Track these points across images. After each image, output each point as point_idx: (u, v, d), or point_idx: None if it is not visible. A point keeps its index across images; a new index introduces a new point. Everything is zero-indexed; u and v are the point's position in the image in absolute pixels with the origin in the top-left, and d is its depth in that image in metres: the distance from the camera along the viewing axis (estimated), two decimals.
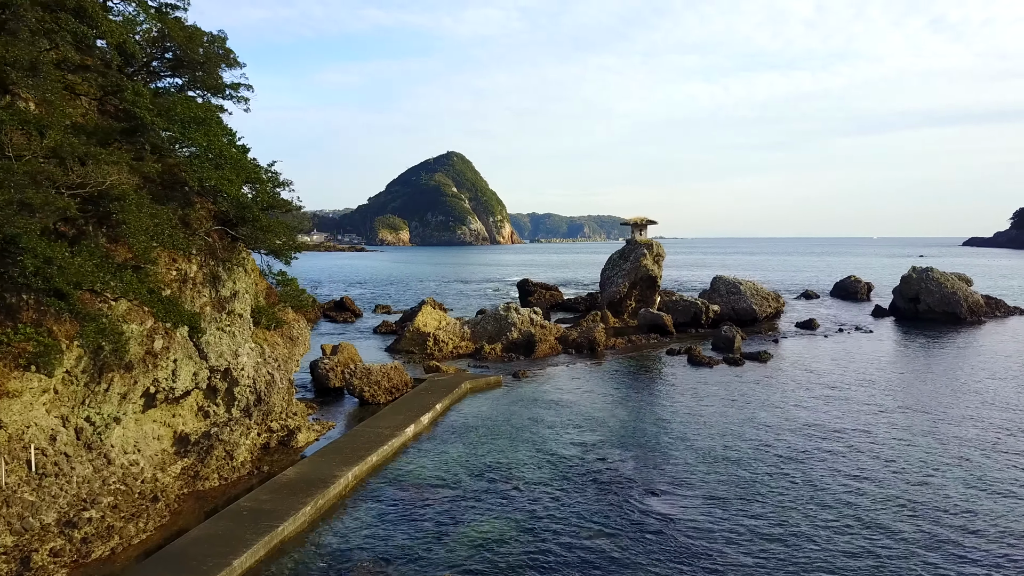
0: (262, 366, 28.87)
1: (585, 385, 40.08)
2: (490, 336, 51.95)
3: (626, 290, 65.82)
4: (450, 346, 50.74)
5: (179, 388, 24.70)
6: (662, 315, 59.39)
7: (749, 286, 67.20)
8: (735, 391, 38.40)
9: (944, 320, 68.67)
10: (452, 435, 29.97)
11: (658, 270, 66.52)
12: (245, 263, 31.19)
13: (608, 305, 66.43)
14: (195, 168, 22.95)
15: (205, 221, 28.25)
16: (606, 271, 70.09)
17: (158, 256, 22.18)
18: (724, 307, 64.91)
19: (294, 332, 33.05)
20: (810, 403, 35.59)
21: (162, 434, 25.55)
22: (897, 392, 38.15)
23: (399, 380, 36.96)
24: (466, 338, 51.78)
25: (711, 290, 69.12)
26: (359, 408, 35.12)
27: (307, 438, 29.59)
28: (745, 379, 41.62)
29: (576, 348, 51.01)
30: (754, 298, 65.65)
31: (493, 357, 48.71)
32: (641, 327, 60.58)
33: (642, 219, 69.54)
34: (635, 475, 24.87)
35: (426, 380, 38.82)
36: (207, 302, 26.66)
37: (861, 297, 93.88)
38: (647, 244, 67.40)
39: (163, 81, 31.02)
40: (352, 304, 75.43)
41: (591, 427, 31.12)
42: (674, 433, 30.11)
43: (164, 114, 23.27)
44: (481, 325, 52.67)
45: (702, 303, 61.84)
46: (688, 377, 42.34)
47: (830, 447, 28.12)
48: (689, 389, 38.94)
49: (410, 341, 51.24)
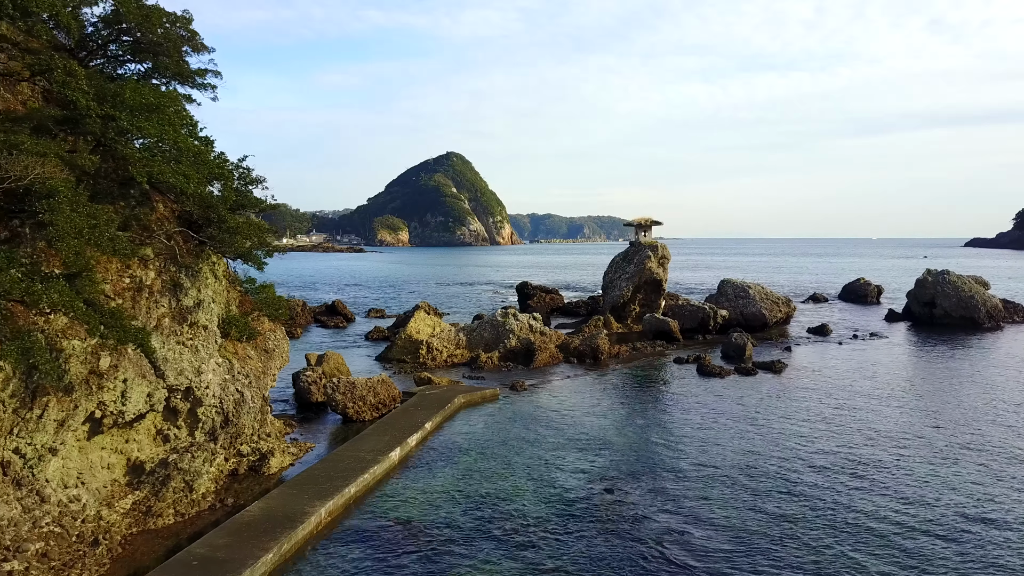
0: (230, 383, 25.93)
1: (588, 399, 37.15)
2: (487, 344, 49.03)
3: (630, 294, 62.91)
4: (444, 355, 47.80)
5: (130, 411, 21.77)
6: (668, 321, 56.47)
7: (758, 290, 64.28)
8: (751, 407, 35.47)
9: (961, 325, 65.74)
10: (442, 459, 27.03)
11: (663, 273, 63.61)
12: (216, 268, 28.33)
13: (611, 310, 63.52)
14: (144, 162, 20.00)
15: (166, 222, 25.37)
16: (609, 274, 67.18)
17: (95, 263, 19.19)
18: (732, 312, 62.00)
19: (270, 344, 30.11)
20: (834, 421, 32.65)
21: (113, 462, 22.62)
22: (928, 408, 35.20)
23: (386, 395, 34.01)
24: (461, 346, 48.85)
25: (719, 294, 66.20)
26: (342, 426, 32.18)
27: (281, 463, 26.65)
28: (760, 392, 38.69)
29: (578, 357, 48.09)
30: (764, 302, 62.72)
31: (490, 367, 45.78)
32: (646, 333, 57.66)
33: (646, 220, 66.62)
34: (648, 511, 21.93)
35: (416, 394, 35.90)
36: (165, 313, 23.73)
37: (871, 300, 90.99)
38: (652, 246, 64.49)
39: (125, 68, 28.20)
40: (344, 308, 72.50)
41: (596, 450, 28.18)
42: (689, 457, 27.18)
43: (110, 100, 20.33)
44: (477, 332, 49.75)
45: (710, 308, 58.91)
46: (699, 390, 39.42)
47: (866, 474, 25.18)
48: (701, 404, 36.00)
49: (401, 349, 48.29)
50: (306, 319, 70.05)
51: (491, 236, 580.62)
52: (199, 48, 27.27)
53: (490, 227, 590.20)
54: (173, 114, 21.83)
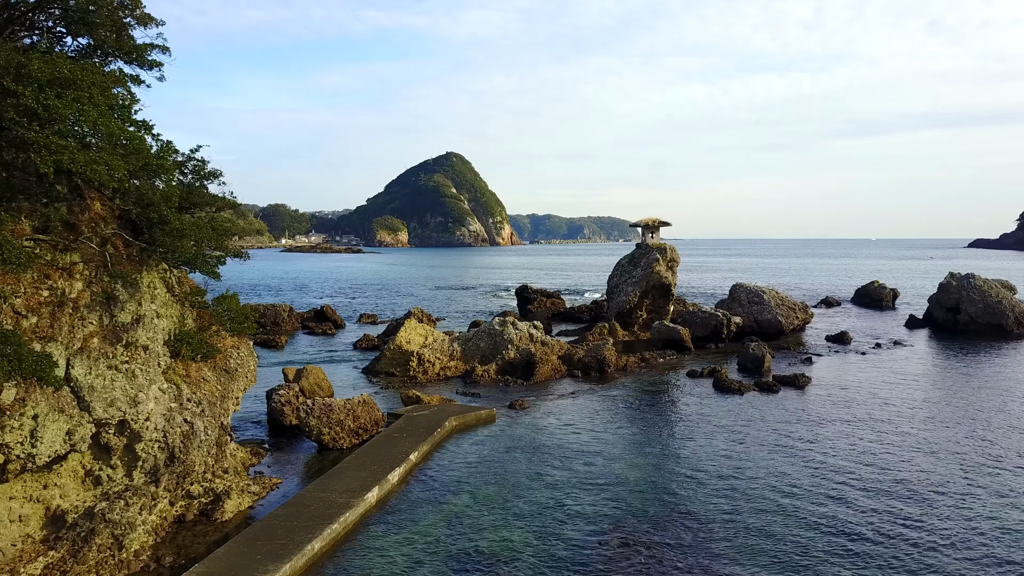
0: (177, 413, 22.01)
1: (596, 422, 33.22)
2: (483, 355, 45.12)
3: (637, 299, 59.00)
4: (437, 367, 43.88)
5: (44, 454, 17.89)
6: (679, 329, 52.56)
7: (773, 295, 60.37)
8: (779, 431, 31.54)
9: (988, 332, 61.85)
10: (428, 501, 23.12)
11: (672, 277, 59.72)
12: (168, 277, 24.45)
13: (617, 316, 59.61)
14: (51, 148, 16.09)
15: (102, 223, 21.48)
16: (614, 278, 63.27)
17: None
18: (746, 319, 58.10)
19: (232, 362, 26.19)
20: (877, 449, 28.73)
21: (28, 513, 18.73)
22: (976, 432, 31.27)
23: (368, 418, 30.08)
24: (456, 357, 44.93)
25: (731, 299, 62.30)
26: (317, 455, 28.27)
27: (238, 505, 22.74)
28: (785, 412, 34.78)
29: (583, 370, 44.16)
30: (779, 308, 58.81)
31: (486, 381, 41.85)
32: (655, 342, 53.76)
33: (654, 220, 62.71)
34: (673, 570, 18.03)
35: (402, 416, 31.95)
36: (95, 331, 19.83)
37: (886, 305, 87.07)
38: (660, 248, 60.58)
39: (63, 45, 24.31)
40: (333, 313, 68.55)
41: (607, 487, 24.28)
42: (716, 497, 23.27)
43: (12, 72, 16.46)
44: (473, 342, 45.83)
45: (723, 315, 55.00)
46: (717, 409, 35.50)
47: (921, 516, 21.26)
48: (722, 428, 32.08)
49: (390, 361, 44.37)
50: (293, 325, 66.20)
51: (491, 237, 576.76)
52: (145, 20, 23.39)
53: (490, 228, 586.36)
54: (97, 91, 17.91)
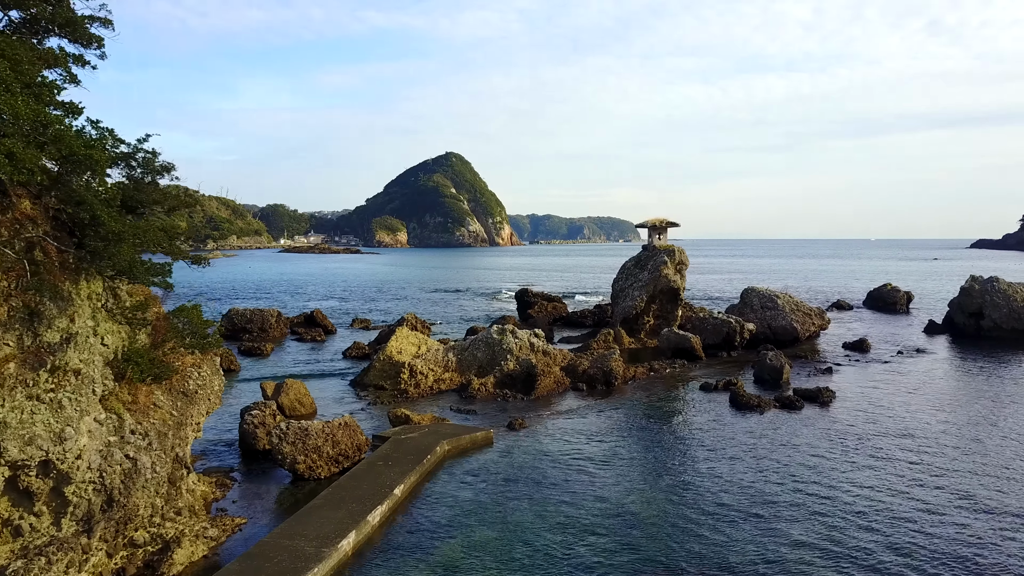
0: (117, 448, 18.76)
1: (604, 445, 29.97)
2: (480, 366, 41.89)
3: (644, 304, 55.77)
4: (430, 379, 40.64)
5: None
6: (689, 337, 49.31)
7: (788, 300, 57.13)
8: (807, 457, 28.30)
9: (1013, 339, 58.61)
10: (414, 549, 19.86)
11: (681, 281, 56.49)
12: (119, 289, 21.22)
13: (622, 322, 56.38)
14: None
15: (30, 226, 18.24)
16: (619, 281, 60.03)
17: None
18: (759, 325, 54.88)
19: (191, 383, 22.95)
20: (920, 478, 25.49)
21: None
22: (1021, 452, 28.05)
23: (349, 444, 26.85)
24: (450, 368, 41.69)
25: (742, 304, 59.08)
26: (291, 487, 25.03)
27: (191, 554, 19.50)
28: (813, 433, 31.55)
29: (587, 382, 40.91)
30: (794, 314, 55.57)
31: (483, 395, 38.61)
32: (663, 350, 50.52)
33: (661, 221, 59.48)
34: None
35: (389, 439, 28.69)
36: (11, 355, 16.60)
37: (900, 308, 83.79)
38: (668, 250, 57.34)
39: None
40: (324, 319, 65.30)
41: (622, 528, 21.03)
42: (744, 540, 20.00)
43: None
44: (469, 352, 42.59)
45: (736, 322, 51.76)
46: (737, 429, 32.27)
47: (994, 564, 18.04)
48: (744, 452, 28.83)
49: (380, 373, 41.13)
50: (281, 331, 62.96)
51: (490, 237, 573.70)
52: None
53: (489, 228, 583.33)
54: (3, 64, 14.68)
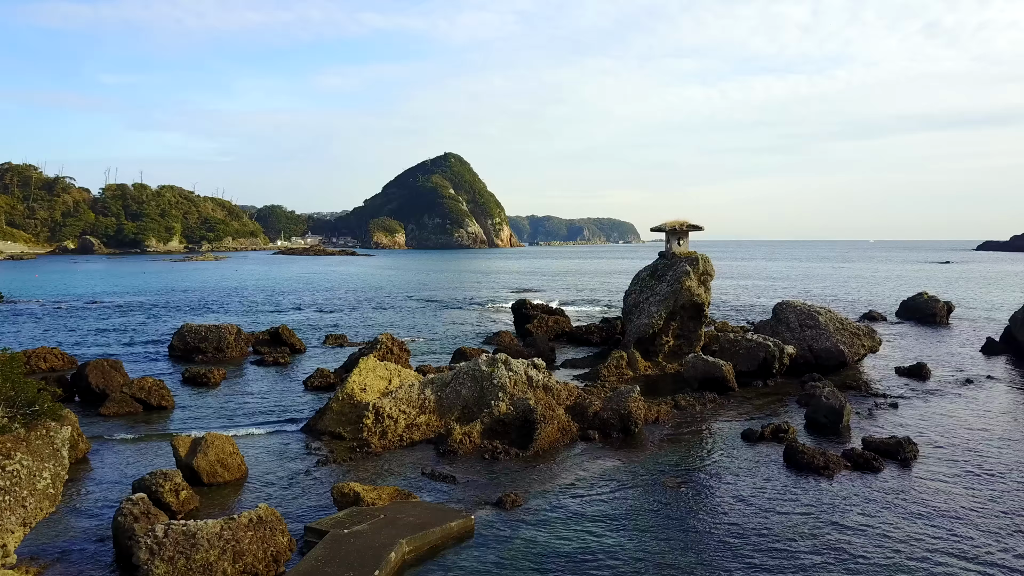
0: None
1: (628, 536, 21.47)
2: (465, 406, 33.45)
3: (662, 322, 47.31)
4: (401, 424, 32.15)
5: None
6: (721, 364, 40.84)
7: (831, 317, 48.66)
8: (910, 560, 19.83)
9: None
10: None
11: (706, 295, 48.04)
12: None
13: (637, 343, 47.91)
14: None
15: None
16: (632, 294, 51.56)
17: None
18: (799, 347, 46.43)
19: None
20: None
21: None
22: None
23: (259, 553, 18.36)
24: (428, 409, 33.22)
25: (776, 321, 50.61)
26: None
27: None
28: (906, 514, 23.07)
29: (600, 428, 32.43)
30: (840, 334, 47.10)
31: (467, 448, 30.09)
32: (689, 379, 42.06)
33: (681, 224, 50.98)
34: None
35: (327, 536, 20.19)
36: None
37: (940, 321, 75.24)
38: (689, 258, 48.88)
39: None
40: (291, 336, 56.77)
41: None
42: None
43: None
44: (452, 388, 34.14)
45: (774, 345, 43.27)
46: (802, 506, 23.78)
47: None
48: (822, 551, 20.33)
49: (337, 417, 32.67)
50: (241, 350, 54.52)
51: (489, 238, 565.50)
52: None
53: (488, 229, 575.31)
54: None
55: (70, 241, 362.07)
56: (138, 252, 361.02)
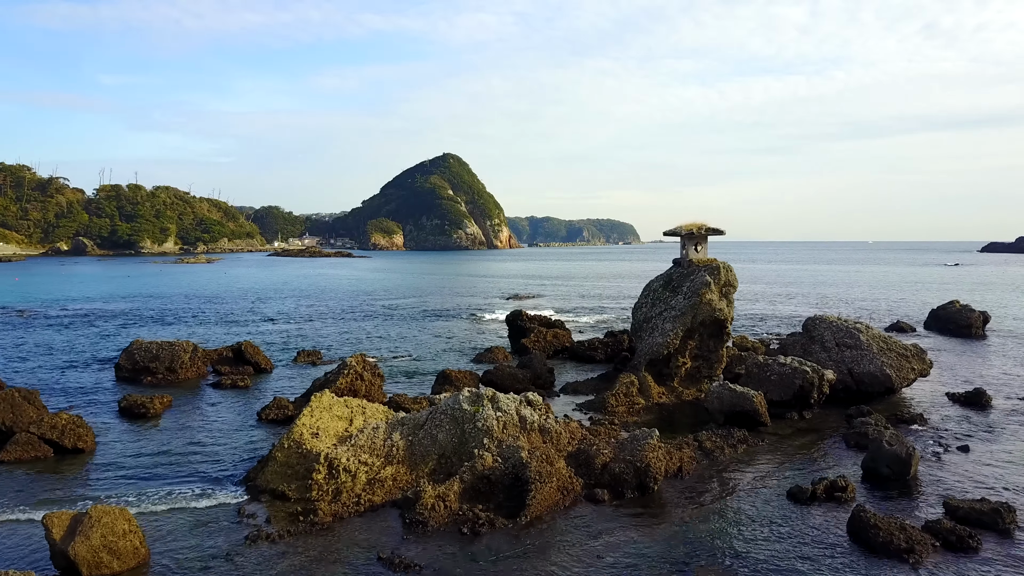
0: None
1: None
2: (443, 455, 26.95)
3: (678, 341, 40.80)
4: (361, 480, 25.64)
5: None
6: (751, 395, 34.32)
7: (873, 335, 42.15)
8: None
9: None
10: None
11: (728, 309, 41.51)
12: None
13: (648, 365, 41.40)
14: None
15: None
16: (643, 308, 45.02)
17: None
18: (836, 370, 39.95)
19: None
20: None
21: None
22: None
23: None
24: (395, 459, 26.70)
25: (807, 338, 44.08)
26: None
27: None
28: None
29: (610, 486, 25.91)
30: (885, 356, 40.58)
31: (440, 516, 23.48)
32: (712, 411, 35.56)
33: (699, 227, 44.40)
34: None
35: None
36: None
37: (976, 333, 68.64)
38: (710, 267, 42.35)
39: None
40: (256, 353, 50.23)
41: None
42: None
43: None
44: (427, 431, 27.62)
45: (812, 371, 36.72)
46: None
47: None
48: None
49: (282, 470, 26.15)
50: (197, 370, 48.04)
51: (488, 239, 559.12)
52: None
53: (487, 230, 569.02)
54: None
55: (63, 242, 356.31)
56: (132, 254, 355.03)
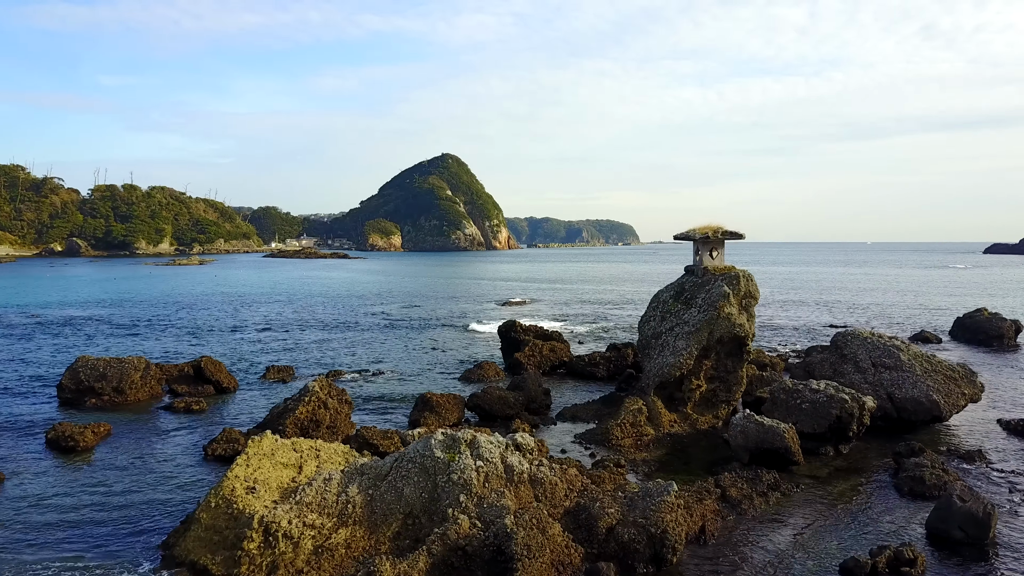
0: None
1: None
2: (409, 514, 21.71)
3: (693, 361, 35.58)
4: (306, 548, 20.40)
5: None
6: (783, 430, 29.08)
7: (916, 355, 36.93)
8: None
9: None
10: None
11: (749, 325, 36.31)
12: None
13: (658, 387, 36.20)
14: None
15: None
16: (651, 321, 39.77)
17: None
18: (874, 395, 34.76)
19: None
20: None
21: None
22: None
23: None
24: (351, 519, 21.45)
25: (837, 356, 38.89)
26: None
27: None
28: None
29: (619, 557, 20.67)
30: (931, 378, 35.36)
31: None
32: (735, 448, 30.35)
33: (715, 230, 39.12)
34: None
35: None
36: None
37: (1009, 344, 63.53)
38: (727, 275, 37.13)
39: None
40: (218, 370, 44.97)
41: None
42: None
43: None
44: (391, 484, 22.38)
45: (852, 399, 31.46)
46: None
47: None
48: None
49: (207, 536, 20.90)
50: (150, 390, 42.83)
51: (487, 240, 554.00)
52: None
53: (486, 231, 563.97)
54: None
55: (57, 243, 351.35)
56: (127, 255, 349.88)
